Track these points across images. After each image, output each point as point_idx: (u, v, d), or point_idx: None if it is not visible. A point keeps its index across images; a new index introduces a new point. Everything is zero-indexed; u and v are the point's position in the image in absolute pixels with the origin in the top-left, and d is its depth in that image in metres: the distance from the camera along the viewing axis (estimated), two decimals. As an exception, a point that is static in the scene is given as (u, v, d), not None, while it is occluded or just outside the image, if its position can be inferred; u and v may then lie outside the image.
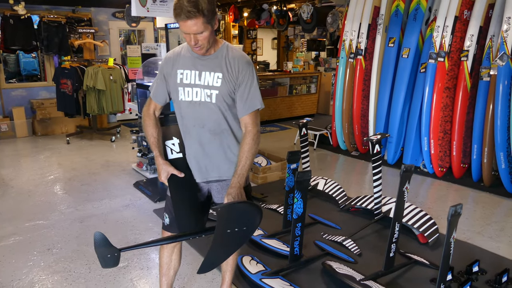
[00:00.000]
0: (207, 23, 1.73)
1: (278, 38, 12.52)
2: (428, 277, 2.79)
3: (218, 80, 1.86)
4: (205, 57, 1.89)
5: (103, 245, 1.74)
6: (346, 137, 5.99)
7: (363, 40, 5.62)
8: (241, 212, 1.79)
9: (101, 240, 1.73)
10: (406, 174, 2.62)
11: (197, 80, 1.89)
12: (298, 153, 3.29)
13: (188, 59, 1.91)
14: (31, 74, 8.32)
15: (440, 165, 4.88)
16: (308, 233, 3.35)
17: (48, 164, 5.40)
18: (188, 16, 1.67)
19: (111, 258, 1.76)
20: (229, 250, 1.90)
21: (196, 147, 1.97)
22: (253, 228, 1.85)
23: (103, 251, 1.74)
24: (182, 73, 1.91)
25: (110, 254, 1.75)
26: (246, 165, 1.89)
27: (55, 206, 4.01)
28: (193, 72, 1.90)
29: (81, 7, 7.37)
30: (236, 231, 1.78)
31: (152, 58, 4.63)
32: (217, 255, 1.85)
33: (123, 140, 6.81)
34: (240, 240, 1.86)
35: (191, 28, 1.71)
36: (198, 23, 1.70)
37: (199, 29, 1.72)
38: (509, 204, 4.19)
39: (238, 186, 1.86)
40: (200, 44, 1.78)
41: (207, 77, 1.88)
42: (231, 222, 1.77)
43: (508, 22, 4.13)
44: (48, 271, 2.85)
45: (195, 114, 1.92)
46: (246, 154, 1.89)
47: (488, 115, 4.39)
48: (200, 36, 1.75)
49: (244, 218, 1.80)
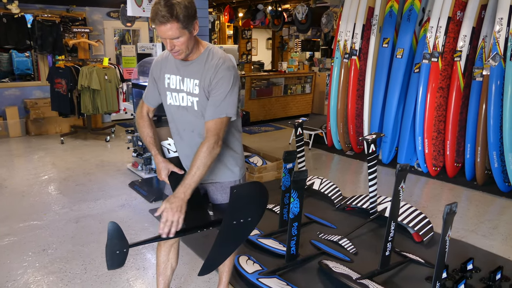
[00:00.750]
0: (183, 29, 1.67)
1: (273, 38, 12.54)
2: (424, 275, 2.82)
3: (195, 88, 1.83)
4: (187, 63, 1.85)
5: (116, 237, 1.67)
6: (341, 136, 6.02)
7: (358, 41, 5.65)
8: (252, 197, 1.75)
9: (115, 231, 1.66)
10: (401, 173, 2.64)
11: (181, 85, 1.87)
12: (294, 153, 3.30)
13: (173, 64, 1.89)
14: (24, 73, 8.26)
15: (434, 164, 4.92)
16: (304, 232, 3.37)
17: (42, 164, 5.37)
18: (162, 21, 1.63)
19: (120, 255, 1.68)
20: (232, 246, 1.88)
21: (188, 150, 1.96)
22: (257, 218, 1.80)
23: (114, 244, 1.67)
24: (169, 77, 1.90)
25: (119, 250, 1.68)
26: (196, 176, 1.76)
27: (50, 206, 4.00)
28: (177, 78, 1.88)
29: (75, 6, 7.33)
30: (241, 222, 1.75)
31: (147, 58, 4.62)
32: (219, 252, 1.84)
33: (118, 140, 6.79)
34: (243, 233, 1.85)
35: (166, 33, 1.67)
36: (173, 28, 1.65)
37: (174, 35, 1.67)
38: (502, 203, 4.24)
39: (182, 197, 1.73)
40: (177, 50, 1.74)
41: (187, 83, 1.85)
42: (240, 210, 1.74)
43: (501, 23, 4.18)
44: (43, 272, 2.84)
45: (184, 119, 1.91)
46: (198, 164, 1.76)
47: (481, 115, 4.44)
48: (176, 42, 1.70)
49: (252, 205, 1.77)
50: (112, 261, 1.69)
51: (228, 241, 1.82)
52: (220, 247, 1.81)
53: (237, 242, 1.90)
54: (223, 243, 1.81)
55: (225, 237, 1.79)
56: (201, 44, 1.86)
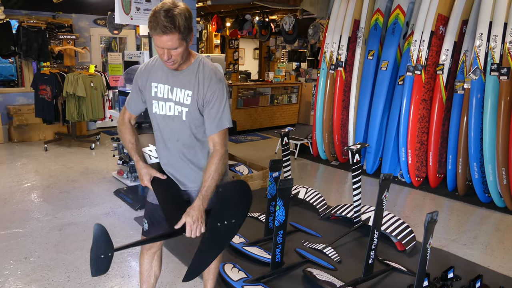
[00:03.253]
0: (182, 40, 1.69)
1: (260, 48, 12.66)
2: (406, 283, 2.86)
3: (187, 98, 1.84)
4: (177, 72, 1.86)
5: (102, 240, 1.64)
6: (326, 146, 6.09)
7: (343, 52, 5.75)
8: (237, 195, 1.78)
9: (101, 234, 1.63)
10: (385, 182, 2.69)
11: (170, 95, 1.87)
12: (280, 162, 3.34)
13: (161, 72, 1.89)
14: (7, 79, 8.16)
15: (417, 175, 5.01)
16: (289, 240, 3.39)
17: (25, 171, 5.29)
18: (164, 31, 1.63)
19: (105, 259, 1.66)
20: (215, 251, 1.89)
21: (171, 159, 1.97)
22: (241, 220, 1.83)
23: (100, 248, 1.64)
24: (157, 86, 1.90)
25: (104, 254, 1.66)
26: (212, 186, 1.82)
27: (33, 213, 3.94)
28: (165, 87, 1.88)
29: (62, 13, 7.30)
30: (225, 224, 1.77)
31: (134, 66, 4.63)
32: (203, 257, 1.84)
33: (103, 147, 6.74)
34: (227, 237, 1.86)
35: (166, 43, 1.67)
36: (174, 39, 1.66)
37: (174, 45, 1.68)
38: (482, 213, 4.34)
39: (201, 208, 1.79)
40: (173, 60, 1.74)
41: (178, 93, 1.86)
42: (225, 211, 1.76)
43: (481, 38, 4.32)
44: (25, 280, 2.79)
45: (170, 128, 1.92)
46: (213, 174, 1.82)
47: (463, 127, 4.55)
48: (174, 52, 1.71)
49: (237, 205, 1.80)
50: (96, 267, 1.67)
51: (212, 244, 1.83)
52: (204, 251, 1.82)
53: (220, 245, 1.90)
54: (207, 247, 1.82)
55: (209, 240, 1.80)
56: (191, 55, 1.87)
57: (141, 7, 4.30)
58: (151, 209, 2.08)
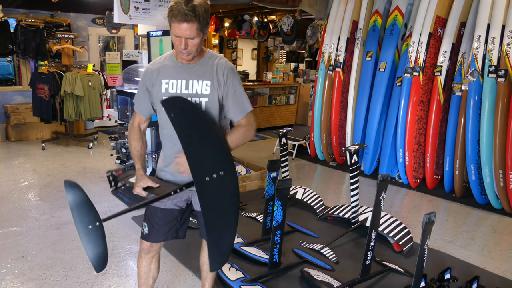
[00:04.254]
0: (200, 30, 1.75)
1: (258, 48, 12.66)
2: (403, 284, 2.87)
3: (207, 88, 1.89)
4: (190, 66, 1.90)
5: (82, 206, 1.56)
6: (324, 147, 6.10)
7: (342, 53, 5.76)
8: (189, 116, 1.70)
9: (82, 201, 1.57)
10: (382, 183, 2.70)
11: (184, 89, 1.89)
12: (278, 162, 3.34)
13: (172, 69, 1.91)
14: (5, 78, 8.13)
15: (414, 176, 5.02)
16: (287, 241, 3.39)
17: (22, 170, 5.28)
18: (185, 19, 1.69)
19: (94, 230, 1.59)
20: (224, 221, 1.78)
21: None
22: (232, 173, 1.76)
23: (82, 214, 1.56)
24: (168, 82, 1.91)
25: (91, 225, 1.60)
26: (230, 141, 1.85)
27: (30, 212, 3.93)
28: (179, 82, 1.90)
29: (60, 12, 7.29)
30: (215, 178, 1.70)
31: (133, 65, 4.63)
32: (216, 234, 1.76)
33: (101, 147, 6.73)
34: (226, 198, 1.78)
35: (185, 32, 1.73)
36: (193, 28, 1.72)
37: (192, 34, 1.74)
38: (479, 215, 4.35)
39: None
40: (189, 50, 1.79)
41: (195, 85, 1.89)
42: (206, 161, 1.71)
43: (479, 40, 4.33)
44: (22, 279, 2.79)
45: None
46: (233, 132, 1.91)
47: (460, 129, 4.57)
48: (190, 42, 1.77)
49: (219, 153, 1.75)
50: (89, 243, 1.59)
51: (214, 212, 1.76)
52: (212, 228, 1.75)
53: (226, 214, 1.80)
54: (210, 216, 1.74)
55: (207, 204, 1.73)
56: (203, 49, 1.93)
57: (139, 7, 4.30)
58: (152, 212, 2.07)
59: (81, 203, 1.61)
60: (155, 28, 4.51)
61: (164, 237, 2.10)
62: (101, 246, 1.67)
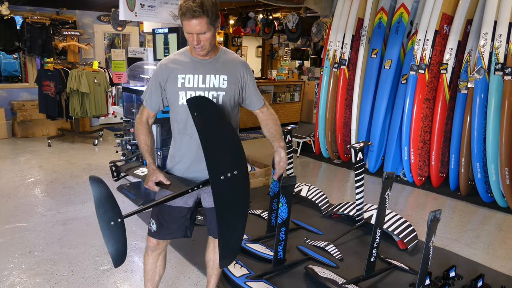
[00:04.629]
0: (210, 24, 1.79)
1: (263, 46, 12.64)
2: (407, 281, 2.87)
3: (224, 82, 1.94)
4: (206, 61, 1.94)
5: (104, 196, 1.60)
6: (328, 145, 6.09)
7: (347, 51, 5.75)
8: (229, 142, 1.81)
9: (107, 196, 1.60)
10: (387, 181, 2.70)
11: (201, 83, 1.92)
12: (283, 159, 3.34)
13: (188, 64, 1.94)
14: (11, 75, 8.18)
15: (419, 174, 5.01)
16: (291, 238, 3.40)
17: (28, 167, 5.32)
18: (193, 15, 1.74)
19: (115, 227, 1.63)
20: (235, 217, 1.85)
21: (195, 150, 1.97)
22: (244, 172, 1.84)
23: (105, 210, 1.59)
24: (184, 77, 1.92)
25: (113, 221, 1.63)
26: (280, 135, 2.10)
27: (36, 208, 3.96)
28: (195, 76, 1.92)
29: (65, 9, 7.32)
30: (229, 177, 1.77)
31: (138, 62, 4.64)
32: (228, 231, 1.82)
33: (106, 143, 6.76)
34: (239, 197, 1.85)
35: (195, 28, 1.77)
36: (202, 23, 1.76)
37: (202, 29, 1.78)
38: (484, 213, 4.34)
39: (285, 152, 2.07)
40: (202, 45, 1.84)
41: (212, 79, 1.92)
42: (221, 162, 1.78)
43: (485, 38, 4.31)
44: (29, 274, 2.81)
45: None
46: (276, 129, 2.11)
47: (466, 127, 4.55)
48: (202, 37, 1.81)
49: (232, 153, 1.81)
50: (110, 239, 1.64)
51: (226, 209, 1.81)
52: (224, 224, 1.80)
53: (238, 210, 1.87)
54: (223, 213, 1.79)
55: (220, 202, 1.79)
56: (216, 45, 1.98)
57: (145, 4, 4.32)
58: (160, 209, 2.07)
59: (105, 198, 1.65)
60: (161, 25, 4.52)
61: (173, 235, 2.11)
62: (121, 242, 1.72)
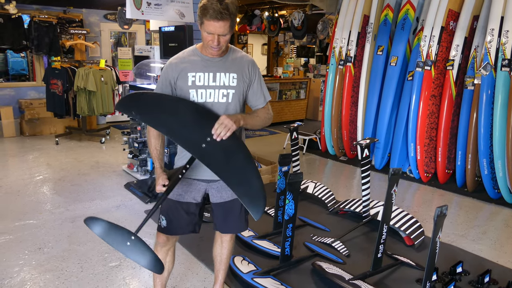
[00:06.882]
0: (231, 27, 1.83)
1: (268, 43, 12.63)
2: (414, 277, 2.88)
3: (234, 80, 1.97)
4: (216, 59, 1.95)
5: (106, 229, 1.64)
6: (334, 142, 6.09)
7: (353, 48, 5.74)
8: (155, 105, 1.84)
9: (108, 228, 1.66)
10: (394, 177, 2.71)
11: (211, 81, 1.94)
12: (289, 156, 3.36)
13: (197, 62, 1.95)
14: (19, 73, 8.25)
15: (425, 171, 5.00)
16: (298, 234, 3.42)
17: (36, 165, 5.37)
18: (221, 17, 1.75)
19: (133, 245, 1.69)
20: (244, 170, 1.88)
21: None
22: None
23: (114, 238, 1.65)
24: (194, 75, 1.94)
25: (128, 241, 1.69)
26: (249, 118, 1.99)
27: (45, 206, 4.01)
28: (206, 74, 1.94)
29: (72, 8, 7.36)
30: (209, 141, 1.80)
31: (145, 60, 4.67)
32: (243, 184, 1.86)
33: (113, 141, 6.81)
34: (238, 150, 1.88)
35: (219, 29, 1.79)
36: (226, 25, 1.79)
37: (225, 31, 1.81)
38: (491, 209, 4.33)
39: (239, 118, 1.88)
40: (220, 45, 1.86)
41: (222, 77, 1.95)
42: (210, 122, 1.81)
43: (492, 34, 4.29)
44: (39, 270, 2.86)
45: None
46: (256, 113, 2.07)
47: (472, 123, 4.53)
48: (222, 38, 1.84)
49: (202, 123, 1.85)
50: (136, 256, 1.70)
51: (227, 170, 1.85)
52: (235, 183, 1.84)
53: (238, 164, 1.88)
54: (227, 175, 1.83)
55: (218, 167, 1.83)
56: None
57: (152, 2, 4.33)
58: (170, 206, 2.09)
59: (108, 230, 1.71)
60: (167, 23, 4.55)
61: (182, 231, 2.13)
62: (147, 252, 1.77)
